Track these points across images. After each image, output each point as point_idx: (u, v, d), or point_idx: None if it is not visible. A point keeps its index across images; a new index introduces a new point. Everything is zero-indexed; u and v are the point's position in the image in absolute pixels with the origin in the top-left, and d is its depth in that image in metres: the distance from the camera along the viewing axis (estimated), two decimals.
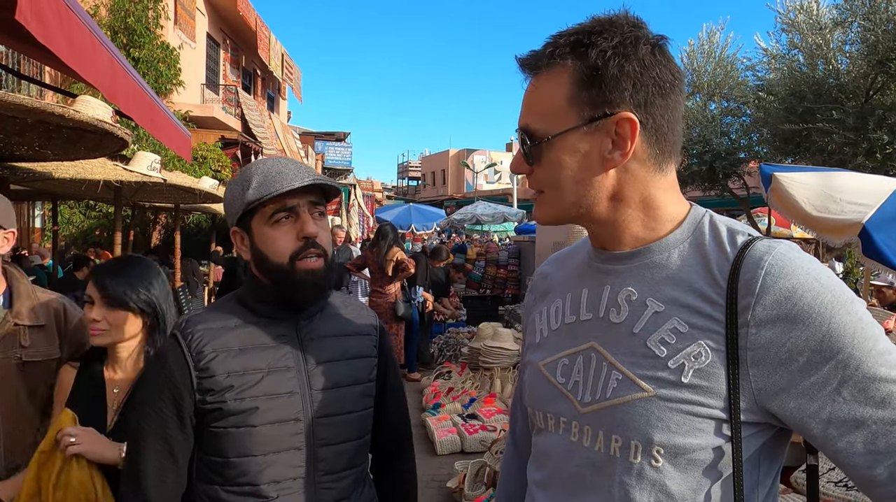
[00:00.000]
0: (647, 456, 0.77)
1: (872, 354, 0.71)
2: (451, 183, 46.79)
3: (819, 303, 0.72)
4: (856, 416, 0.71)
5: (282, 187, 1.12)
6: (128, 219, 10.47)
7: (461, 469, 4.03)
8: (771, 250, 0.76)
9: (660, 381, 0.77)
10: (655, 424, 0.76)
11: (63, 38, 2.51)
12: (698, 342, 0.77)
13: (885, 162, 6.95)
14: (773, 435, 0.80)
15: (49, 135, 3.94)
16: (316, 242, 1.17)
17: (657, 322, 0.80)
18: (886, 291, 5.98)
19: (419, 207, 17.76)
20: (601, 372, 0.83)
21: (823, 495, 2.41)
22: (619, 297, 0.85)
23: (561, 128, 0.81)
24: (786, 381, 0.73)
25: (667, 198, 0.85)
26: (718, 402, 0.75)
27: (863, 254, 3.59)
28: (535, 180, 0.88)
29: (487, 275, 10.58)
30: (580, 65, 0.80)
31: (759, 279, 0.74)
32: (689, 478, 0.77)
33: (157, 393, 1.14)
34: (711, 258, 0.80)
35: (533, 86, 0.86)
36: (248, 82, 20.21)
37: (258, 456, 1.12)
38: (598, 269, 0.90)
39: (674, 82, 0.82)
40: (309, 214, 1.17)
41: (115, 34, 11.08)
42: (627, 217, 0.85)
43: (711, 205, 0.89)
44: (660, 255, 0.84)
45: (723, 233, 0.82)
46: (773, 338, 0.73)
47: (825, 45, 7.50)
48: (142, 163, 5.83)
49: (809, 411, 0.73)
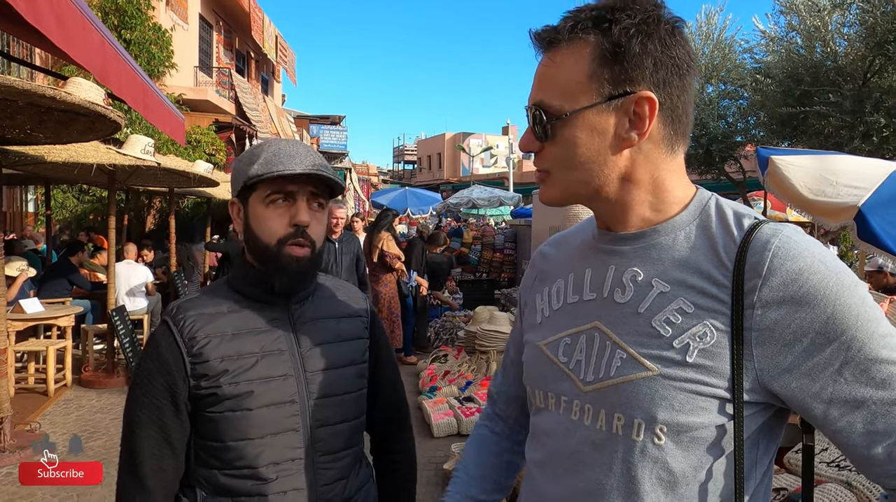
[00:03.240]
0: (649, 433, 0.78)
1: (875, 337, 0.72)
2: (448, 166, 46.65)
3: (825, 286, 0.73)
4: (856, 397, 0.72)
5: (284, 169, 1.11)
6: (122, 203, 10.42)
7: (457, 451, 4.07)
8: (778, 233, 0.77)
9: (664, 360, 0.78)
10: (659, 403, 0.77)
11: (53, 19, 2.47)
12: (704, 322, 0.77)
13: (881, 145, 6.96)
14: (773, 415, 0.81)
15: (40, 118, 3.90)
16: (306, 232, 1.15)
17: (663, 302, 0.80)
18: (877, 275, 6.01)
19: (415, 191, 17.71)
20: (605, 351, 0.83)
21: (816, 475, 2.44)
22: (623, 278, 0.85)
23: (579, 104, 0.80)
24: (789, 362, 0.74)
25: (675, 180, 0.85)
26: (722, 382, 0.76)
27: (858, 237, 3.60)
28: (545, 159, 0.85)
29: (483, 258, 10.59)
30: (603, 41, 0.78)
31: (766, 261, 0.75)
32: (690, 456, 0.78)
33: (150, 381, 1.13)
34: (718, 240, 0.80)
35: (550, 60, 0.83)
36: (242, 65, 19.99)
37: (255, 438, 1.12)
38: (602, 250, 0.90)
39: (690, 64, 0.81)
40: (306, 203, 1.16)
41: (106, 15, 10.91)
42: (636, 198, 0.84)
43: (707, 188, 0.88)
44: (666, 237, 0.84)
45: (729, 216, 0.82)
46: (778, 320, 0.74)
47: (823, 27, 7.45)
48: (135, 146, 5.78)
49: (811, 391, 0.74)
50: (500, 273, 10.51)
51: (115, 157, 5.58)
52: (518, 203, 16.28)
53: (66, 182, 9.84)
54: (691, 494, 0.78)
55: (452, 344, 7.19)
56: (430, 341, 7.66)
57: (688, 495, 0.78)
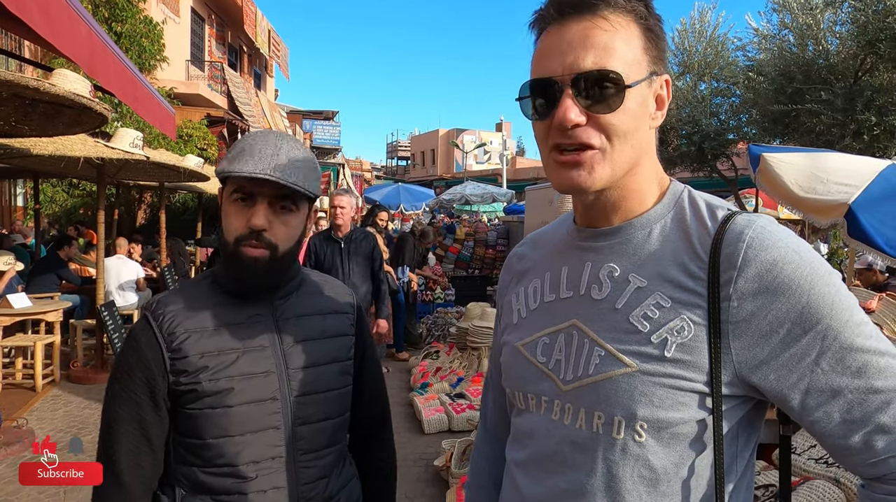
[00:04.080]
0: (630, 431, 0.77)
1: (849, 325, 0.72)
2: (441, 163, 46.60)
3: (799, 275, 0.73)
4: (833, 386, 0.72)
5: (240, 169, 1.08)
6: (112, 197, 10.34)
7: (448, 447, 4.06)
8: (751, 224, 0.76)
9: (643, 356, 0.77)
10: (639, 399, 0.76)
11: (38, 11, 2.43)
12: (681, 316, 0.76)
13: (872, 143, 6.99)
14: (752, 408, 0.80)
15: (25, 110, 3.86)
16: (262, 235, 1.11)
17: (640, 297, 0.80)
18: (867, 272, 6.04)
19: (408, 187, 17.66)
20: (583, 349, 0.82)
21: (805, 472, 2.45)
22: (600, 274, 0.84)
23: (639, 76, 0.78)
24: (767, 353, 0.74)
25: (660, 169, 0.86)
26: (701, 376, 0.75)
27: (848, 235, 3.62)
28: (603, 130, 0.77)
29: (476, 255, 10.59)
30: (648, 17, 0.79)
31: (740, 252, 0.74)
32: (671, 453, 0.77)
33: (129, 376, 1.12)
34: (693, 232, 0.80)
35: (601, 25, 0.76)
36: (235, 59, 19.87)
37: (235, 436, 1.10)
38: (578, 247, 0.89)
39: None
40: (266, 206, 1.12)
41: (97, 8, 10.80)
42: (638, 185, 0.83)
43: (700, 186, 0.88)
44: (642, 231, 0.83)
45: (703, 207, 0.82)
46: (754, 311, 0.74)
47: (815, 25, 7.47)
48: (123, 139, 5.73)
49: (789, 382, 0.74)
50: (492, 269, 10.50)
51: (102, 151, 5.53)
52: (511, 199, 16.28)
53: (55, 176, 9.75)
54: (674, 491, 0.77)
55: (444, 340, 7.18)
56: (422, 337, 7.65)
57: (670, 492, 0.77)
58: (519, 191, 17.91)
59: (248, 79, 20.62)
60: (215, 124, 14.17)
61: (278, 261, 1.15)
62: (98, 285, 6.11)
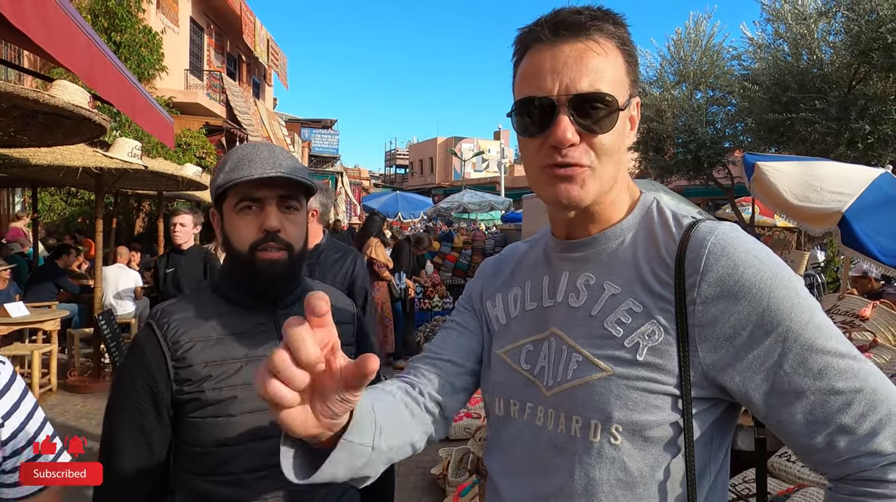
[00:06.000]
0: (606, 434, 0.79)
1: (810, 327, 0.74)
2: (439, 171, 46.67)
3: (759, 279, 0.75)
4: (796, 388, 0.74)
5: (245, 175, 1.10)
6: (110, 206, 10.34)
7: (445, 455, 4.06)
8: (714, 230, 0.79)
9: (617, 360, 0.79)
10: (614, 402, 0.78)
11: (37, 21, 2.45)
12: (651, 321, 0.79)
13: (866, 151, 7.04)
14: (724, 411, 0.82)
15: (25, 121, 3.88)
16: (277, 236, 1.14)
17: (614, 303, 0.82)
18: (862, 280, 6.06)
19: (406, 195, 17.72)
20: (562, 355, 0.85)
21: (800, 479, 2.46)
22: (577, 282, 0.87)
23: (624, 98, 0.82)
24: (731, 356, 0.76)
25: (630, 180, 0.90)
26: (671, 379, 0.77)
27: (842, 243, 3.64)
28: (594, 149, 0.80)
29: (474, 263, 10.58)
30: (627, 42, 0.83)
31: (703, 257, 0.77)
32: (647, 456, 0.79)
33: (132, 384, 1.13)
34: (660, 240, 0.83)
35: (593, 48, 0.79)
36: (233, 68, 19.94)
37: (237, 445, 1.11)
38: (557, 258, 0.92)
39: None
40: (276, 208, 1.14)
41: (96, 17, 10.85)
42: (614, 197, 0.87)
43: (696, 194, 0.92)
44: (616, 240, 0.87)
45: (669, 216, 0.86)
46: (717, 315, 0.76)
47: (809, 35, 7.55)
48: (122, 149, 5.74)
49: (754, 383, 0.76)
50: None
51: (101, 160, 5.54)
52: (509, 208, 16.33)
53: (53, 185, 9.75)
54: (650, 494, 0.79)
55: None
56: (420, 345, 7.64)
57: (646, 495, 0.79)
58: (517, 199, 17.93)
59: (246, 88, 20.69)
60: (214, 133, 14.19)
61: (294, 261, 1.17)
62: (95, 294, 6.10)
